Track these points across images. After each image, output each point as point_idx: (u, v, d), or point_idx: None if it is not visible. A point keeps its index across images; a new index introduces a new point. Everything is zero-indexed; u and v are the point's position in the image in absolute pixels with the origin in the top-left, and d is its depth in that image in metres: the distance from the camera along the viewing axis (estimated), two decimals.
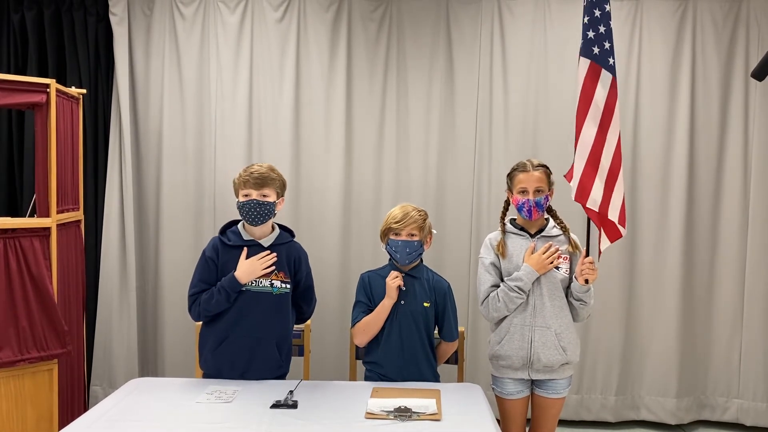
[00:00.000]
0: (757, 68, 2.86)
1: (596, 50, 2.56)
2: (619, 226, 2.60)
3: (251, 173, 2.57)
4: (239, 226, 2.68)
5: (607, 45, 2.56)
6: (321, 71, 3.98)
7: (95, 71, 4.00)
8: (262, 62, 3.98)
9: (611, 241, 2.62)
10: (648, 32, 3.94)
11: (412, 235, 2.63)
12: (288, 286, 2.65)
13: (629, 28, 3.94)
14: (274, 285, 2.62)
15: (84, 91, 3.52)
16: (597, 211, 2.56)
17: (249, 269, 2.57)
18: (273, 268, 2.61)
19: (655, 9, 3.93)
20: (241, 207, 2.58)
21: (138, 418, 2.18)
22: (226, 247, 2.63)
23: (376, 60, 3.99)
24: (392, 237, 2.64)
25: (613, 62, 2.56)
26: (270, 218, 2.63)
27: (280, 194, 2.65)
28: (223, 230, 2.71)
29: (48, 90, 3.03)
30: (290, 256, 2.68)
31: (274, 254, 2.62)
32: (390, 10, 3.99)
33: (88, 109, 3.94)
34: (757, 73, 2.86)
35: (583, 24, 2.58)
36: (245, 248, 2.61)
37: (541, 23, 3.95)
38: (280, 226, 2.75)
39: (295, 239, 2.77)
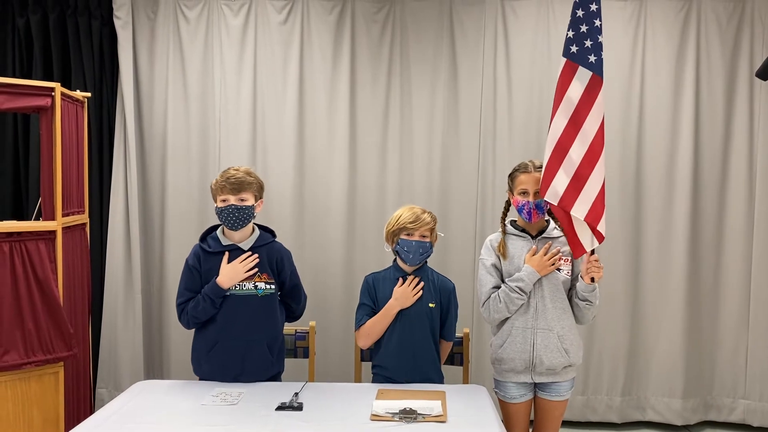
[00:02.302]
0: (762, 68, 2.85)
1: (574, 49, 2.55)
2: (590, 225, 2.51)
3: (227, 178, 2.57)
4: (218, 231, 2.68)
5: (588, 43, 2.53)
6: (324, 73, 3.98)
7: (100, 74, 4.01)
8: (266, 65, 3.99)
9: (599, 242, 2.53)
10: (652, 32, 3.94)
11: (424, 236, 2.64)
12: (272, 286, 2.65)
13: (633, 28, 3.93)
14: (259, 287, 2.62)
15: (89, 94, 3.53)
16: (557, 204, 2.52)
17: (231, 273, 2.58)
18: (256, 270, 2.61)
19: (658, 9, 3.92)
20: (220, 213, 2.58)
21: (143, 421, 2.19)
22: (207, 253, 2.64)
23: (380, 61, 4.00)
24: (404, 237, 2.64)
25: (595, 59, 2.52)
26: (249, 222, 2.63)
27: (259, 197, 2.65)
28: (203, 237, 2.71)
29: (53, 93, 3.04)
30: (272, 256, 2.68)
31: (256, 255, 2.62)
32: (393, 12, 3.99)
33: (93, 113, 3.95)
34: (762, 72, 2.86)
35: (569, 23, 2.59)
36: (227, 253, 2.61)
37: (544, 24, 3.95)
38: (261, 227, 2.74)
39: (276, 239, 2.76)
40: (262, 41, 3.98)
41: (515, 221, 2.75)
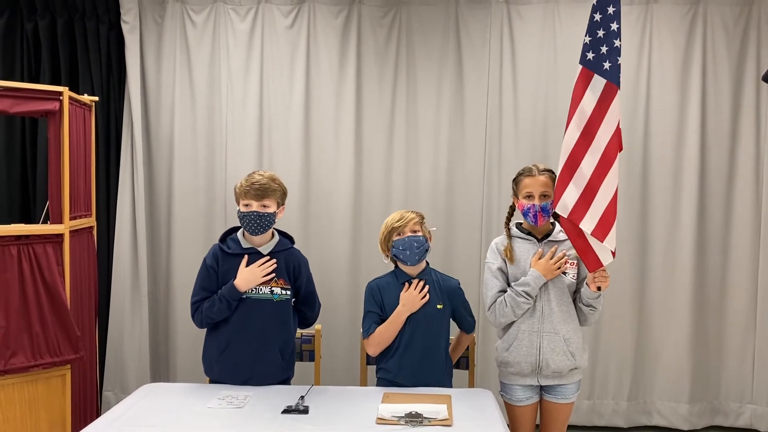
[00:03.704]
0: None
1: (590, 55, 2.50)
2: (596, 240, 2.46)
3: (252, 183, 2.58)
4: (239, 234, 2.69)
5: (604, 49, 2.47)
6: (331, 77, 4.00)
7: (107, 79, 4.03)
8: (273, 68, 4.00)
9: (613, 256, 2.49)
10: (658, 36, 3.93)
11: (415, 231, 2.64)
12: (288, 292, 2.66)
13: (639, 32, 3.92)
14: (275, 292, 2.63)
15: (96, 98, 3.54)
16: (566, 217, 2.49)
17: (249, 277, 2.59)
18: (273, 275, 2.62)
19: (665, 13, 3.92)
20: (242, 217, 2.59)
21: (150, 423, 2.20)
22: (226, 255, 2.65)
23: (386, 65, 4.00)
24: (396, 238, 2.64)
25: (610, 66, 2.46)
26: (270, 228, 2.64)
27: (281, 203, 2.66)
28: (223, 238, 2.72)
29: (61, 98, 3.06)
30: (289, 263, 2.69)
31: (274, 261, 2.63)
32: (399, 16, 4.00)
33: (101, 116, 3.97)
34: None
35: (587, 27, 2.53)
36: (246, 256, 2.62)
37: (550, 27, 3.95)
38: (280, 233, 2.75)
39: (294, 246, 2.77)
40: (269, 45, 4.00)
41: (521, 224, 2.75)
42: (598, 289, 2.54)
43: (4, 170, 3.98)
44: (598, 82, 2.49)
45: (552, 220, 2.71)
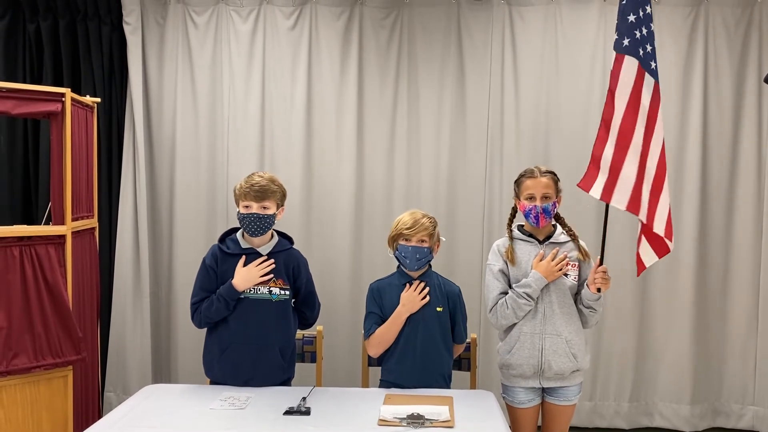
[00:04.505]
0: None
1: (642, 52, 2.47)
2: (666, 240, 2.52)
3: (252, 185, 2.58)
4: (238, 234, 2.70)
5: (649, 48, 2.47)
6: (332, 78, 4.00)
7: (109, 80, 4.04)
8: (274, 69, 4.01)
9: (659, 257, 2.56)
10: (659, 37, 3.90)
11: (422, 241, 2.63)
12: (287, 292, 2.66)
13: None
14: (273, 292, 2.63)
15: (98, 99, 3.54)
16: (645, 222, 2.49)
17: (246, 276, 2.59)
18: (271, 275, 2.62)
19: (666, 14, 3.91)
20: (242, 219, 2.60)
21: (152, 425, 2.20)
22: (225, 255, 2.65)
23: (388, 67, 4.01)
24: (402, 243, 2.64)
25: (655, 66, 2.47)
26: (269, 229, 2.65)
27: (281, 205, 2.67)
28: (223, 238, 2.72)
29: (63, 99, 3.06)
30: (289, 263, 2.69)
31: (272, 261, 2.63)
32: (401, 17, 4.00)
33: (103, 118, 3.97)
34: None
35: (630, 23, 2.46)
36: (244, 256, 2.63)
37: (552, 29, 3.95)
38: (279, 233, 2.76)
39: (294, 246, 2.78)
40: (271, 47, 4.00)
41: (522, 226, 2.75)
42: (598, 290, 2.54)
43: (7, 171, 3.98)
44: (649, 81, 2.48)
45: (554, 222, 2.71)
